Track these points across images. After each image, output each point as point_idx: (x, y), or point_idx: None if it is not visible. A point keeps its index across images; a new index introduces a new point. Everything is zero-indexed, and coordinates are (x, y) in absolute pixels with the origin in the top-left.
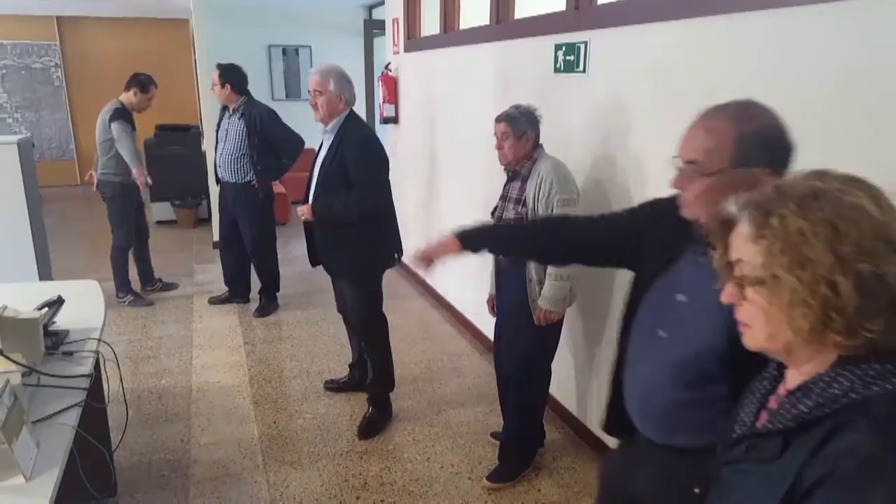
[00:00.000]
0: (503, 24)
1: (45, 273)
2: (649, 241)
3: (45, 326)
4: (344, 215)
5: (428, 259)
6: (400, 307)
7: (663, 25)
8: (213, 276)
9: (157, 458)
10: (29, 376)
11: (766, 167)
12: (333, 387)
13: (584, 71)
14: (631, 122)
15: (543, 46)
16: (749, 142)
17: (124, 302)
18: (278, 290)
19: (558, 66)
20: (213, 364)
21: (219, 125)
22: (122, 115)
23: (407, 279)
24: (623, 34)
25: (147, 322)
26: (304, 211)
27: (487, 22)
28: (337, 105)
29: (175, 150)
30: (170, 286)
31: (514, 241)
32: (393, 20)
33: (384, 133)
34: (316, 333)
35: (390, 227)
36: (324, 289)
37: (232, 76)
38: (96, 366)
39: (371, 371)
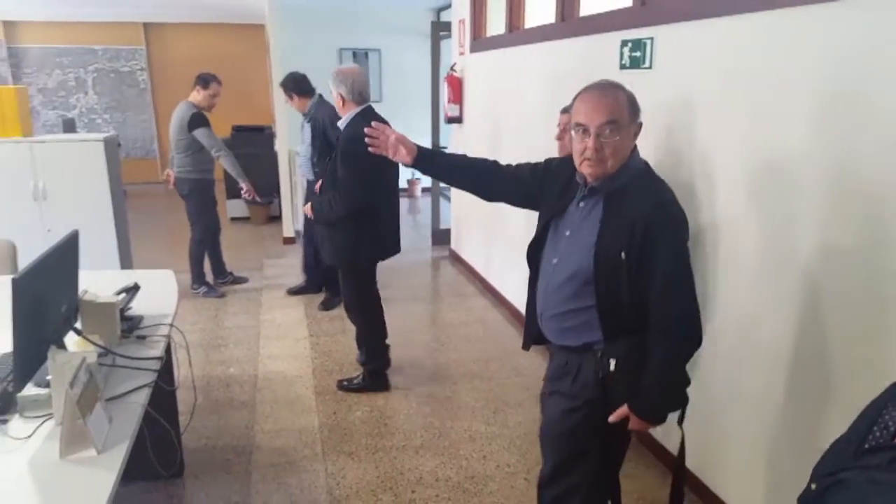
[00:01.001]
0: (568, 22)
1: (126, 262)
2: (547, 193)
3: (122, 311)
4: (329, 215)
5: (385, 139)
6: (461, 305)
7: (733, 19)
8: (281, 270)
9: (223, 442)
10: (105, 357)
11: (639, 122)
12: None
13: (649, 67)
14: (697, 119)
15: (609, 43)
16: (632, 100)
17: (199, 293)
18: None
19: (623, 62)
20: (279, 354)
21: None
22: (201, 120)
23: (468, 277)
24: (691, 29)
25: (218, 313)
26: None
27: (553, 20)
28: (338, 102)
29: (250, 150)
30: (240, 279)
31: (454, 171)
32: (459, 21)
33: (447, 133)
34: None
35: (377, 226)
36: (387, 284)
37: (292, 86)
38: (167, 350)
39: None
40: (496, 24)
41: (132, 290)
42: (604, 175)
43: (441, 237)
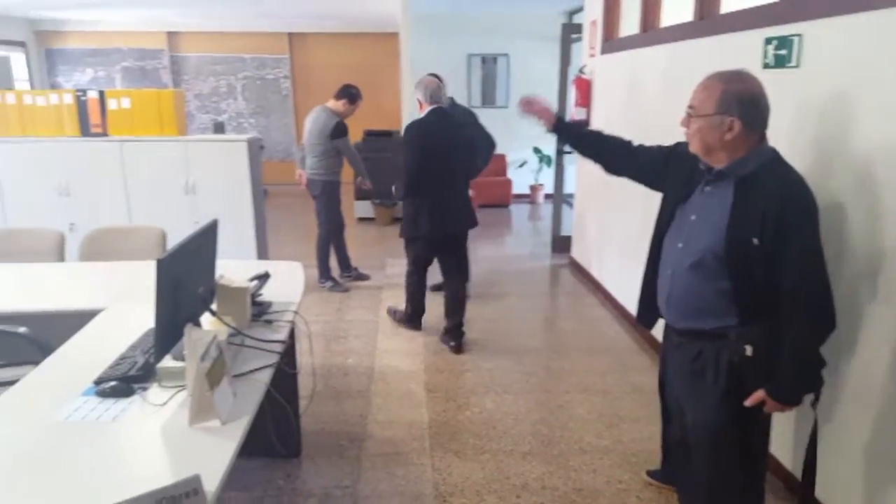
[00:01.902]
0: (707, 20)
1: (262, 254)
2: (673, 174)
3: (253, 296)
4: (396, 195)
5: (528, 104)
6: (579, 314)
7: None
8: (402, 269)
9: (338, 428)
10: (235, 337)
11: (739, 118)
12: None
13: (796, 66)
14: (852, 121)
15: (750, 41)
16: (728, 97)
17: (325, 287)
18: (467, 279)
19: (767, 61)
20: (394, 350)
21: None
22: (342, 130)
23: (588, 287)
24: (845, 23)
25: (341, 306)
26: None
27: (690, 18)
28: (417, 104)
29: (379, 153)
30: (363, 276)
31: (586, 139)
32: (591, 23)
33: None
34: (490, 329)
35: (424, 205)
36: (505, 289)
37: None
38: (291, 336)
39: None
40: (629, 24)
41: (263, 277)
42: (700, 154)
43: (561, 244)
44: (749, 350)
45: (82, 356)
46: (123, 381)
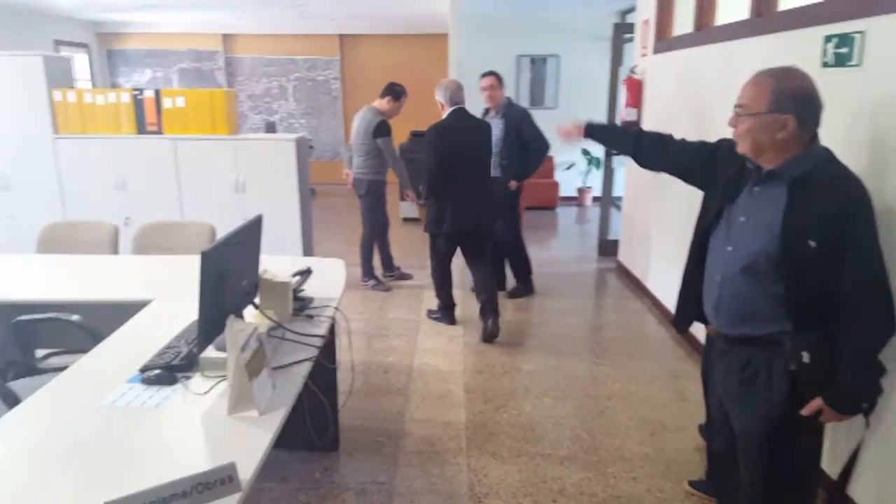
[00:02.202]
0: (764, 18)
1: (307, 251)
2: (717, 174)
3: (295, 291)
4: (421, 193)
5: (566, 134)
6: (624, 320)
7: None
8: None
9: (376, 424)
10: (276, 330)
11: (794, 116)
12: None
13: (858, 64)
14: None
15: (809, 39)
16: (782, 94)
17: (367, 285)
18: (530, 272)
19: (826, 59)
20: (434, 349)
21: None
22: (385, 129)
23: (635, 292)
24: None
25: (383, 305)
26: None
27: (746, 16)
28: (439, 106)
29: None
30: (406, 276)
31: (622, 139)
32: (643, 22)
33: None
34: (533, 333)
35: (446, 203)
36: (549, 292)
37: (502, 78)
38: (331, 331)
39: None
40: (683, 22)
41: (305, 273)
42: (743, 154)
43: (608, 248)
44: (806, 357)
45: (130, 345)
46: (167, 370)
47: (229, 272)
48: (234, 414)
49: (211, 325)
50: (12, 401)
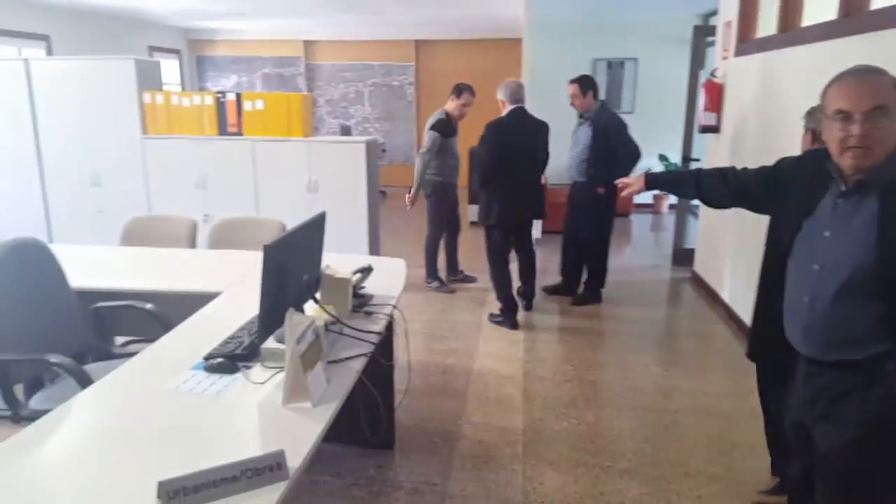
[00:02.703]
0: (854, 17)
1: (374, 251)
2: (787, 195)
3: (355, 288)
4: (471, 186)
5: (625, 187)
6: (697, 332)
7: None
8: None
9: (432, 425)
10: (334, 325)
11: None
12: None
13: None
14: None
15: None
16: None
17: (431, 287)
18: (602, 285)
19: None
20: (495, 353)
21: (575, 131)
22: (437, 125)
23: (709, 303)
24: None
25: (445, 307)
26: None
27: (834, 16)
28: (500, 104)
29: None
30: (470, 279)
31: (683, 183)
32: (725, 24)
33: (701, 144)
34: (597, 344)
35: (497, 197)
36: (619, 301)
37: (589, 86)
38: (389, 328)
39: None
40: (767, 24)
41: (366, 271)
42: (869, 166)
43: (683, 257)
44: None
45: (197, 334)
46: (229, 359)
47: (291, 266)
48: (289, 404)
49: (272, 316)
50: (86, 382)
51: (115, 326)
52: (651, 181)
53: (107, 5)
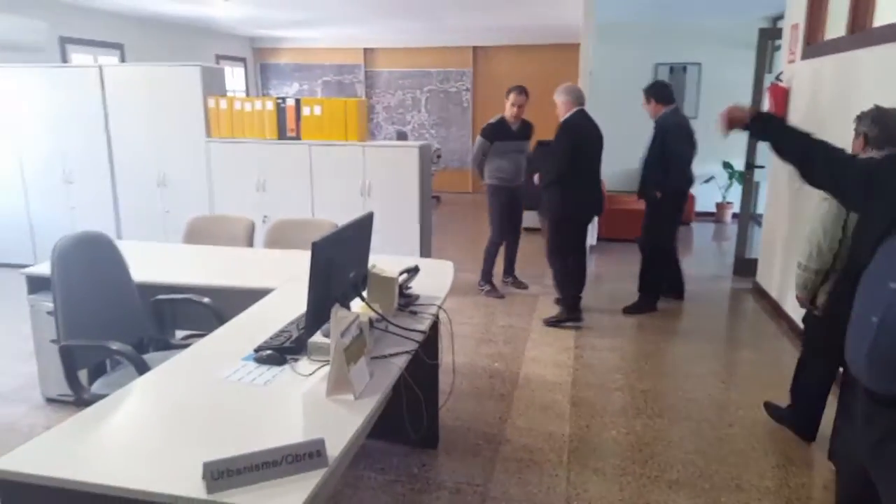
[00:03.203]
0: None
1: (425, 255)
2: (880, 201)
3: (402, 287)
4: (543, 179)
5: (727, 116)
6: (757, 344)
7: None
8: None
9: (476, 427)
10: (379, 322)
11: None
12: None
13: None
14: None
15: None
16: None
17: (482, 290)
18: (657, 296)
19: None
20: (543, 359)
21: None
22: (485, 128)
23: (771, 315)
24: None
25: (495, 312)
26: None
27: None
28: (565, 105)
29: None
30: (521, 284)
31: (798, 141)
32: (792, 26)
33: (764, 149)
34: (651, 353)
35: (571, 191)
36: (678, 312)
37: (653, 92)
38: (434, 328)
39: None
40: (836, 25)
41: (413, 271)
42: None
43: (745, 267)
44: None
45: (249, 327)
46: (278, 352)
47: (338, 263)
48: (332, 396)
49: (319, 311)
50: (144, 370)
51: (175, 320)
52: (759, 121)
53: (177, 15)
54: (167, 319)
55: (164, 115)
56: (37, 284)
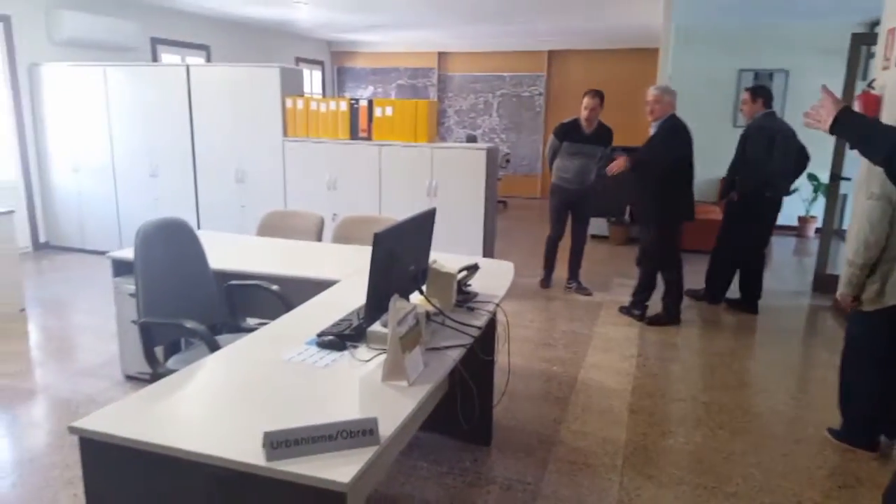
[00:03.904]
0: None
1: (487, 255)
2: None
3: (461, 284)
4: (644, 178)
5: (812, 116)
6: (832, 363)
7: None
8: (626, 290)
9: (531, 427)
10: (437, 316)
11: None
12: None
13: None
14: None
15: None
16: None
17: (571, 288)
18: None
19: None
20: (603, 365)
21: None
22: (557, 127)
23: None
24: None
25: (556, 317)
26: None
27: None
28: (666, 106)
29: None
30: (585, 291)
31: (885, 135)
32: (888, 31)
33: (852, 160)
34: (718, 366)
35: (679, 191)
36: (752, 327)
37: (763, 92)
38: (491, 326)
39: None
40: None
41: (472, 268)
42: None
43: (826, 284)
44: None
45: (313, 314)
46: (339, 338)
47: (399, 255)
48: (387, 381)
49: (378, 301)
50: (215, 349)
51: (246, 307)
52: (845, 116)
53: (261, 18)
54: (238, 305)
55: (245, 114)
56: (121, 268)
